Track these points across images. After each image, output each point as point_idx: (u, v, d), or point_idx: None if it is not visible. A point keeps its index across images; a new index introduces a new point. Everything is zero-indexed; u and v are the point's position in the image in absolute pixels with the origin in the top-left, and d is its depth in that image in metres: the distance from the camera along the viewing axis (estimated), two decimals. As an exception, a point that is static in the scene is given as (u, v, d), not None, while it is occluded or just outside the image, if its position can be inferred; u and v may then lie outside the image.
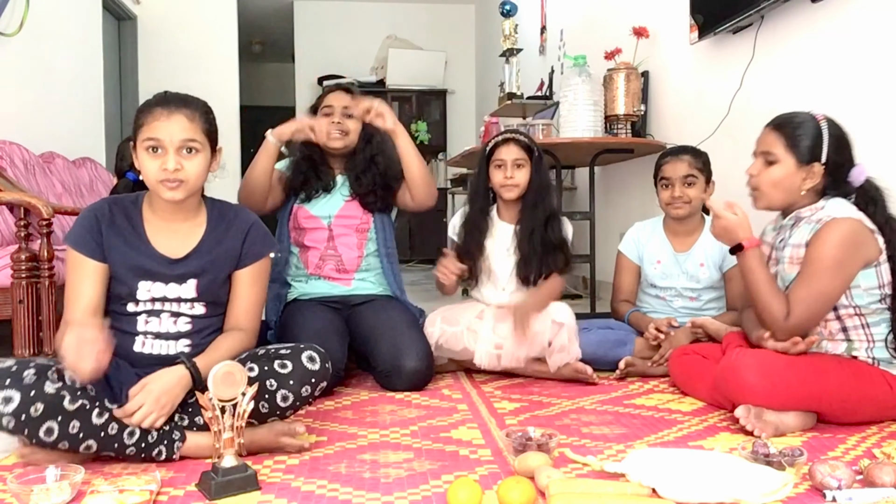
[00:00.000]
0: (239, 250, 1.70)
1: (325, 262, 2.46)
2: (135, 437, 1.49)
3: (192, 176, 1.59)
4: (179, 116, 1.57)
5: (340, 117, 2.42)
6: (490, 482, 1.41)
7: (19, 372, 1.41)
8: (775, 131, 1.85)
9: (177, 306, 1.65)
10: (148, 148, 1.57)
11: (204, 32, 6.11)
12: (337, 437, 1.73)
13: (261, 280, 1.74)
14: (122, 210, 1.67)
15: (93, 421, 1.45)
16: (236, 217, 1.74)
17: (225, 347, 1.62)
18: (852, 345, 1.81)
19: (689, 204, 2.46)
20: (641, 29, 3.66)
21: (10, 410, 1.37)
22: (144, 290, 1.63)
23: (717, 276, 2.48)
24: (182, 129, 1.56)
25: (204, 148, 1.60)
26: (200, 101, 1.66)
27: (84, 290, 1.60)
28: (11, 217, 2.66)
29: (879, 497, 1.29)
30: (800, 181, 1.81)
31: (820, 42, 2.55)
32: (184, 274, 1.65)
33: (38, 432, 1.40)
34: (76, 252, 1.62)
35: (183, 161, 1.57)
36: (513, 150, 2.38)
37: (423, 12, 8.10)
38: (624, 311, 2.55)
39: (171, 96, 1.61)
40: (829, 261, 1.72)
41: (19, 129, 3.51)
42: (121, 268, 1.62)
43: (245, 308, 1.71)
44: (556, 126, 3.81)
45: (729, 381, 1.77)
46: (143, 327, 1.63)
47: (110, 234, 1.63)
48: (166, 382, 1.50)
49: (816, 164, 1.80)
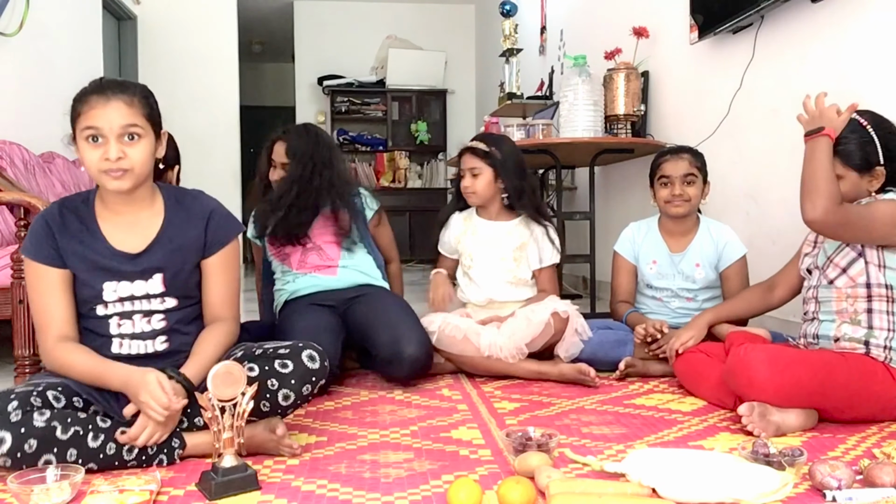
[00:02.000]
0: (203, 238, 1.64)
1: (307, 256, 2.52)
2: (134, 453, 1.48)
3: (137, 163, 1.51)
4: (117, 102, 1.49)
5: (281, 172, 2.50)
6: (490, 482, 1.41)
7: (3, 409, 1.37)
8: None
9: (147, 304, 1.60)
10: (88, 137, 1.50)
11: (204, 32, 6.11)
12: (337, 437, 1.73)
13: (232, 266, 1.67)
14: (73, 211, 1.61)
15: (89, 445, 1.43)
16: (195, 202, 1.67)
17: (211, 344, 1.59)
18: (871, 332, 1.82)
19: (688, 202, 2.46)
20: (641, 29, 3.66)
21: (3, 451, 1.35)
22: (110, 290, 1.57)
23: (714, 276, 2.48)
24: (121, 115, 1.49)
25: (147, 133, 1.53)
26: (139, 84, 1.59)
27: (54, 302, 1.55)
28: (11, 217, 2.66)
29: (879, 497, 1.29)
30: (866, 185, 1.87)
31: (820, 42, 2.55)
32: (147, 269, 1.59)
33: (38, 465, 1.38)
34: (35, 263, 1.55)
35: (126, 148, 1.50)
36: (467, 159, 2.56)
37: (423, 12, 8.10)
38: (622, 311, 2.55)
39: (106, 82, 1.54)
40: (880, 209, 1.78)
41: (19, 129, 3.52)
42: (82, 271, 1.57)
43: (221, 297, 1.67)
44: (556, 126, 3.81)
45: (738, 376, 1.77)
46: (115, 330, 1.59)
47: (64, 237, 1.57)
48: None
49: (877, 167, 1.85)
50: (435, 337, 2.35)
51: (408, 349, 2.20)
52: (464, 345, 2.35)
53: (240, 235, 1.72)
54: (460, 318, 2.44)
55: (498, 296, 2.55)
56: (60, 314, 1.56)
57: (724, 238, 2.47)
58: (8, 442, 1.35)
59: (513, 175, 2.54)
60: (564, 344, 2.34)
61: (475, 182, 2.54)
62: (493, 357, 2.31)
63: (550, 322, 2.31)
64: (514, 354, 2.30)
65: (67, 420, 1.42)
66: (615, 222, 4.22)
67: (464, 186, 2.57)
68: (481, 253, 2.57)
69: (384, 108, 7.84)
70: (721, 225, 2.52)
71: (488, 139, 2.63)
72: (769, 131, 2.84)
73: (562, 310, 2.34)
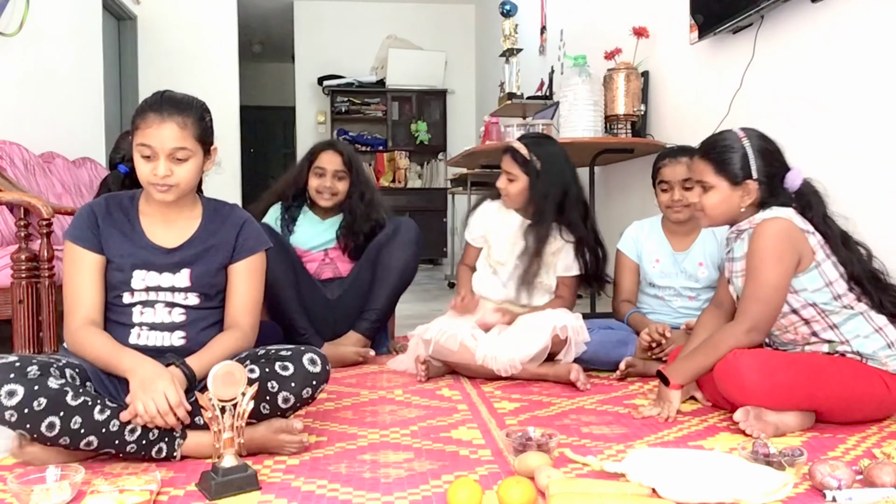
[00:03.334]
0: (233, 243, 1.72)
1: (322, 271, 2.74)
2: (136, 435, 1.49)
3: (183, 181, 1.61)
4: (171, 125, 1.57)
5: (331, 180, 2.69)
6: (490, 482, 1.41)
7: (23, 367, 1.43)
8: (703, 159, 1.90)
9: (171, 296, 1.66)
10: (141, 152, 1.59)
11: (204, 32, 6.11)
12: (337, 437, 1.73)
13: (256, 277, 1.75)
14: (119, 205, 1.71)
15: (95, 417, 1.45)
16: (231, 213, 1.77)
17: (219, 346, 1.63)
18: (833, 345, 1.82)
19: (688, 208, 2.44)
20: (641, 29, 3.66)
21: (13, 404, 1.39)
22: (139, 278, 1.65)
23: (717, 276, 2.47)
24: (173, 139, 1.58)
25: (196, 153, 1.62)
26: (195, 103, 1.66)
27: (85, 285, 1.62)
28: (11, 217, 2.67)
29: (879, 497, 1.29)
30: (738, 199, 1.86)
31: (820, 42, 2.55)
32: (178, 263, 1.67)
33: (41, 427, 1.41)
34: (75, 245, 1.64)
35: (174, 167, 1.59)
36: (507, 161, 2.48)
37: (423, 12, 8.09)
38: (624, 311, 2.55)
39: (166, 99, 1.61)
40: (766, 251, 1.77)
41: (19, 129, 3.52)
42: (116, 257, 1.65)
43: (241, 304, 1.72)
44: (556, 126, 3.81)
45: (729, 382, 1.77)
46: (138, 318, 1.65)
47: (106, 226, 1.66)
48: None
49: (749, 180, 1.84)
50: (431, 347, 2.34)
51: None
52: (459, 355, 2.33)
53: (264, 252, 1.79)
54: (457, 322, 2.40)
55: (518, 299, 2.48)
56: (90, 298, 1.62)
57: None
58: (19, 395, 1.39)
59: (550, 186, 2.42)
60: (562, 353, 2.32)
61: (509, 186, 2.46)
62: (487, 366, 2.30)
63: (549, 345, 2.28)
64: (506, 369, 2.27)
65: (79, 390, 1.47)
66: (615, 222, 4.22)
67: (499, 186, 2.50)
68: (512, 254, 2.48)
69: (384, 108, 7.84)
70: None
71: (533, 144, 2.49)
72: (769, 131, 2.82)
73: (561, 327, 2.28)
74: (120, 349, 1.57)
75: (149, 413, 1.45)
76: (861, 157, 2.35)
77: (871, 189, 2.30)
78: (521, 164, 2.44)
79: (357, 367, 2.56)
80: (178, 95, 1.65)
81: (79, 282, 1.63)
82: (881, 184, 2.27)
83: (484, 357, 2.28)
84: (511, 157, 2.46)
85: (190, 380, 1.55)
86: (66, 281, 1.66)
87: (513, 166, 2.45)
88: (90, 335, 1.58)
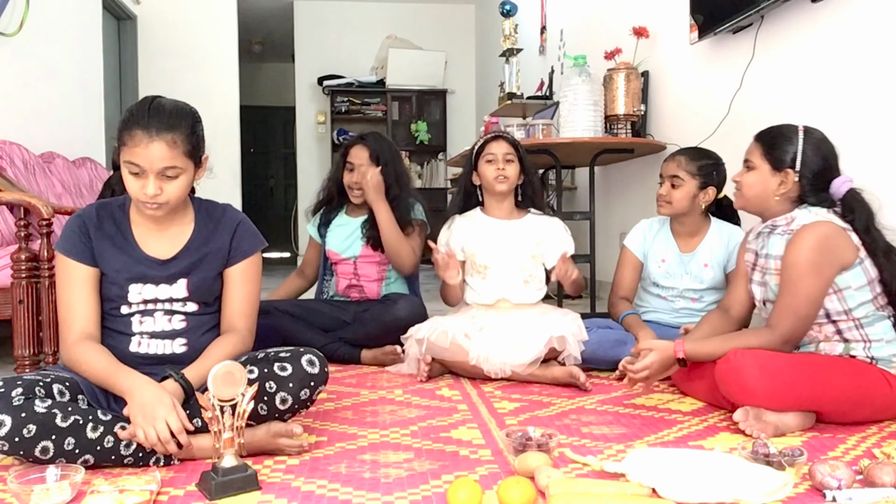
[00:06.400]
0: (228, 247, 1.69)
1: (350, 291, 2.78)
2: (132, 448, 1.48)
3: (174, 197, 1.56)
4: (160, 144, 1.50)
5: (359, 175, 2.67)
6: (490, 482, 1.41)
7: (7, 394, 1.40)
8: (756, 140, 1.93)
9: (169, 305, 1.64)
10: (129, 169, 1.53)
11: (204, 32, 6.11)
12: (337, 438, 1.73)
13: (252, 278, 1.72)
14: (110, 215, 1.66)
15: (88, 436, 1.44)
16: (224, 215, 1.73)
17: (216, 353, 1.60)
18: (849, 345, 1.82)
19: (669, 204, 2.45)
20: (641, 29, 3.66)
21: (2, 434, 1.37)
22: (135, 292, 1.62)
23: (721, 277, 2.47)
24: (162, 158, 1.51)
25: (187, 168, 1.57)
26: (185, 114, 1.58)
27: (80, 298, 1.59)
28: (11, 217, 2.66)
29: (879, 497, 1.29)
30: (774, 186, 1.87)
31: (820, 42, 2.55)
32: (174, 274, 1.64)
33: (34, 451, 1.40)
34: (67, 258, 1.60)
35: (164, 185, 1.54)
36: (502, 144, 2.53)
37: (423, 12, 8.10)
38: (621, 310, 2.53)
39: (153, 113, 1.52)
40: (804, 265, 1.76)
41: (19, 129, 3.52)
42: (111, 271, 1.61)
43: (238, 308, 1.69)
44: (556, 126, 3.81)
45: (729, 382, 1.77)
46: (137, 328, 1.63)
47: (99, 238, 1.62)
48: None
49: (790, 171, 1.84)
50: (424, 345, 2.34)
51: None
52: (451, 352, 2.33)
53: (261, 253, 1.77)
54: (449, 320, 2.41)
55: (511, 296, 2.50)
56: (85, 311, 1.59)
57: (735, 239, 2.43)
58: (7, 425, 1.37)
59: (530, 171, 2.59)
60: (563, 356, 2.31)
61: (508, 167, 2.50)
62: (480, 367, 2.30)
63: (541, 356, 2.28)
64: (496, 372, 2.28)
65: (68, 409, 1.44)
66: (615, 222, 4.22)
67: (498, 170, 2.48)
68: (497, 253, 2.51)
69: (384, 108, 7.84)
70: (731, 226, 2.52)
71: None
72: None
73: (558, 337, 2.28)
74: (117, 368, 1.52)
75: (150, 441, 1.43)
76: (861, 157, 2.35)
77: (871, 189, 2.29)
78: (514, 147, 2.54)
79: (357, 368, 2.57)
80: (167, 106, 1.56)
81: (73, 295, 1.59)
82: (881, 184, 2.27)
83: (477, 358, 2.29)
84: (504, 139, 2.56)
85: (188, 393, 1.53)
86: (59, 294, 1.62)
87: (509, 147, 2.53)
88: (86, 351, 1.55)
